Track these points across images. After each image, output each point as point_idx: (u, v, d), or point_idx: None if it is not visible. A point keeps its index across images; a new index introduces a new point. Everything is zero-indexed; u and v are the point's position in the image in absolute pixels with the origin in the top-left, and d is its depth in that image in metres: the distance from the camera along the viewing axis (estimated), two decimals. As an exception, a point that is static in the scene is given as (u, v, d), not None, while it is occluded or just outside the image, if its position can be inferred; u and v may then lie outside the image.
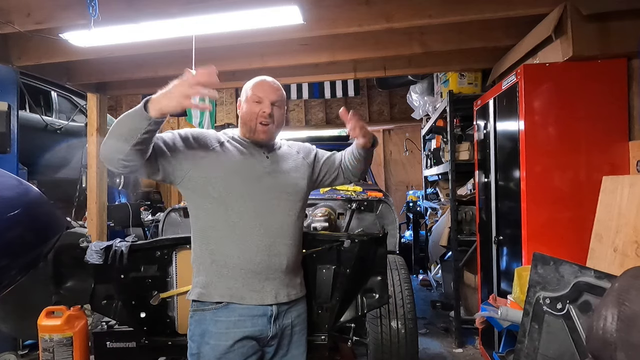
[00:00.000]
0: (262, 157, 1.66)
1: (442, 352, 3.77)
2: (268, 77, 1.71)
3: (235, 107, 9.24)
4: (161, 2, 2.52)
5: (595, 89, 2.45)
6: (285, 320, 1.63)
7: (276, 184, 1.63)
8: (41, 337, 2.66)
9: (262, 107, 1.62)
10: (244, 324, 1.55)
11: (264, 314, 1.57)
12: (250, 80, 1.71)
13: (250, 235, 1.55)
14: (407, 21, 2.73)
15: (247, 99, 1.66)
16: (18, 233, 1.93)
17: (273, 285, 1.58)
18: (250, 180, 1.59)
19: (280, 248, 1.59)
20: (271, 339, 1.60)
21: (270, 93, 1.65)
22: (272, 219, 1.59)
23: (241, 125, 1.69)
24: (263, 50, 3.45)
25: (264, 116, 1.62)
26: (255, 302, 1.56)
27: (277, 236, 1.59)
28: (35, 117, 4.56)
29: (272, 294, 1.58)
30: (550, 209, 2.47)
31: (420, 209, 6.08)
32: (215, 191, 1.56)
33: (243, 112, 1.67)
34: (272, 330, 1.58)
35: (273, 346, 1.62)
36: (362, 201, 3.33)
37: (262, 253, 1.56)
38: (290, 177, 1.68)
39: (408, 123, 8.03)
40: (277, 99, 1.65)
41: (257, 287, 1.56)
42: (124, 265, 1.98)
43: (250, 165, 1.62)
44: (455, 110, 3.86)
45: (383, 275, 2.02)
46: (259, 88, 1.66)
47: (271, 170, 1.65)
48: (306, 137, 5.80)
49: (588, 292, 1.58)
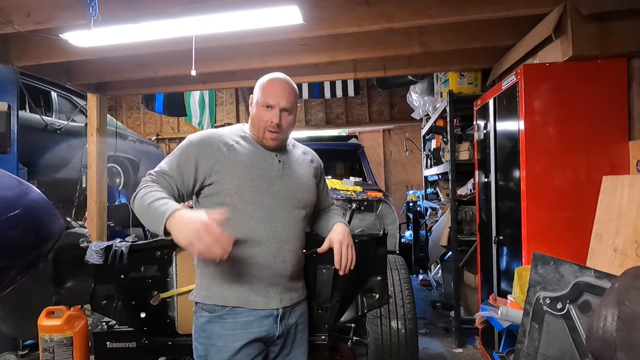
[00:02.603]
0: (274, 160, 1.63)
1: (442, 352, 3.77)
2: (281, 76, 1.63)
3: (235, 107, 9.25)
4: (161, 2, 2.52)
5: (595, 89, 2.45)
6: (290, 319, 1.63)
7: (287, 189, 1.61)
8: (41, 337, 2.66)
9: (271, 116, 1.56)
10: (251, 327, 1.54)
11: (270, 314, 1.57)
12: (263, 77, 1.64)
13: (259, 240, 1.55)
14: (407, 21, 2.73)
15: (257, 102, 1.60)
16: (18, 233, 1.93)
17: (277, 290, 1.58)
18: (262, 186, 1.57)
19: (287, 254, 1.59)
20: (277, 339, 1.60)
21: (282, 98, 1.57)
22: (280, 225, 1.58)
23: (251, 124, 1.65)
24: (263, 50, 3.46)
25: (272, 126, 1.57)
26: (260, 306, 1.56)
27: (285, 242, 1.59)
28: (35, 117, 4.56)
29: (277, 298, 1.58)
30: (550, 209, 2.47)
31: (420, 209, 6.08)
32: (227, 197, 1.53)
33: (253, 113, 1.62)
34: (279, 330, 1.59)
35: (278, 345, 1.63)
36: (362, 201, 3.33)
37: (270, 259, 1.55)
38: (301, 184, 1.66)
39: (408, 123, 8.03)
40: (288, 105, 1.58)
41: (263, 292, 1.56)
42: (124, 265, 1.97)
43: (262, 169, 1.59)
44: (455, 110, 3.86)
45: (383, 275, 2.01)
46: (269, 91, 1.58)
47: (283, 174, 1.62)
48: (306, 137, 5.80)
49: (588, 292, 1.58)
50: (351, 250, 1.66)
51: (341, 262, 1.63)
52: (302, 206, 1.65)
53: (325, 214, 1.83)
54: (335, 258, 1.64)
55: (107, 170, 4.49)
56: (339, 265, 1.64)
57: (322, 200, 1.83)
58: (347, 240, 1.66)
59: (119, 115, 9.32)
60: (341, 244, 1.64)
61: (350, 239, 1.68)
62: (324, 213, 1.84)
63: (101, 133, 4.31)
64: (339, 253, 1.63)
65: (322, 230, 1.79)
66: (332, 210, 1.86)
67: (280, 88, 1.59)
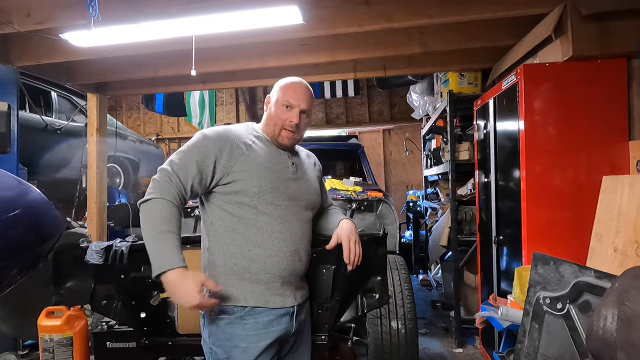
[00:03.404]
0: (288, 161, 1.65)
1: (442, 352, 3.77)
2: (303, 81, 1.66)
3: (235, 107, 9.25)
4: (161, 2, 2.52)
5: (595, 89, 2.45)
6: (302, 316, 1.66)
7: (300, 191, 1.64)
8: (41, 337, 2.66)
9: (291, 116, 1.59)
10: (271, 326, 1.55)
11: (287, 312, 1.59)
12: (284, 79, 1.66)
13: (277, 240, 1.55)
14: (406, 21, 2.73)
15: (277, 101, 1.62)
16: (18, 233, 1.93)
17: (291, 288, 1.60)
18: (280, 187, 1.58)
19: (302, 254, 1.62)
20: (292, 335, 1.63)
21: (302, 101, 1.60)
22: (297, 225, 1.60)
23: (266, 124, 1.65)
24: (263, 50, 3.46)
25: (291, 126, 1.60)
26: (278, 305, 1.56)
27: (300, 242, 1.61)
28: (35, 117, 4.56)
29: (292, 296, 1.60)
30: (550, 208, 2.47)
31: (420, 209, 6.08)
32: (247, 196, 1.53)
33: (271, 112, 1.63)
34: (295, 327, 1.61)
35: (290, 342, 1.64)
36: (362, 201, 3.33)
37: (288, 258, 1.56)
38: (311, 185, 1.70)
39: (408, 123, 8.04)
40: (307, 108, 1.62)
41: (279, 290, 1.57)
42: (124, 265, 1.97)
43: (279, 170, 1.60)
44: (455, 110, 3.86)
45: (383, 275, 2.01)
46: (291, 92, 1.61)
47: (296, 177, 1.65)
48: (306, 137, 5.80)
49: (588, 292, 1.58)
50: (359, 246, 1.68)
51: (350, 257, 1.65)
52: (311, 207, 1.69)
53: (325, 213, 1.85)
54: (344, 253, 1.65)
55: (107, 170, 4.49)
56: (348, 260, 1.65)
57: (323, 200, 1.86)
58: (354, 237, 1.67)
59: (119, 115, 9.32)
60: (349, 239, 1.65)
61: (356, 235, 1.70)
62: (324, 212, 1.86)
63: (101, 133, 4.30)
64: (348, 248, 1.65)
65: (323, 229, 1.81)
66: (332, 208, 1.88)
67: (301, 91, 1.62)
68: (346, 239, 1.66)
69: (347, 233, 1.67)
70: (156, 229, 1.44)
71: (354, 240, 1.66)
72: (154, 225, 1.45)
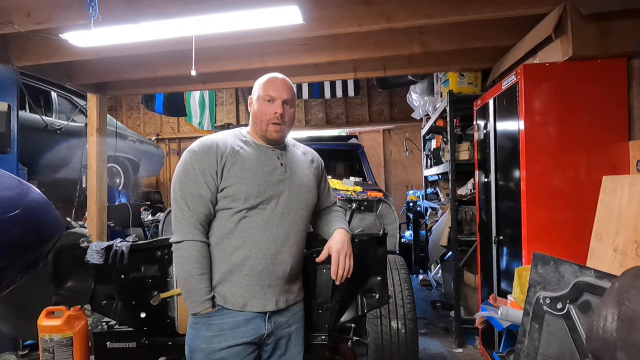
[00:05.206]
0: (276, 162, 1.65)
1: (442, 352, 3.77)
2: (279, 74, 1.69)
3: (235, 107, 9.24)
4: (161, 2, 2.52)
5: (595, 89, 2.45)
6: (281, 317, 1.63)
7: (289, 192, 1.63)
8: (41, 338, 2.65)
9: (274, 107, 1.62)
10: (238, 327, 1.55)
11: (257, 315, 1.58)
12: (261, 77, 1.69)
13: (257, 243, 1.56)
14: (407, 21, 2.73)
15: (259, 98, 1.65)
16: (18, 233, 1.93)
17: (274, 292, 1.60)
18: (267, 191, 1.58)
19: (286, 257, 1.60)
20: (267, 337, 1.61)
21: (282, 91, 1.63)
22: (283, 227, 1.60)
23: (252, 123, 1.67)
24: (263, 50, 3.46)
25: (276, 117, 1.61)
26: (257, 309, 1.57)
27: (284, 245, 1.60)
28: (35, 117, 4.56)
29: (273, 300, 1.59)
30: (550, 208, 2.47)
31: (420, 209, 6.08)
32: (233, 201, 1.56)
33: (254, 110, 1.65)
34: (267, 328, 1.59)
35: (270, 345, 1.63)
36: (362, 201, 3.33)
37: (267, 261, 1.57)
38: (302, 185, 1.68)
39: (408, 123, 8.03)
40: (288, 98, 1.64)
41: (260, 294, 1.57)
42: (124, 265, 1.97)
43: (267, 174, 1.61)
44: (455, 110, 3.86)
45: (383, 275, 2.01)
46: (270, 86, 1.64)
47: (285, 177, 1.64)
48: (306, 137, 5.80)
49: (588, 292, 1.58)
50: (349, 260, 1.67)
51: (337, 272, 1.65)
52: (303, 207, 1.67)
53: (326, 215, 1.84)
54: (332, 268, 1.65)
55: (107, 170, 4.49)
56: (335, 276, 1.65)
57: (324, 199, 1.84)
58: (345, 250, 1.66)
59: (119, 115, 9.32)
60: (339, 253, 1.65)
61: (349, 247, 1.69)
62: (325, 214, 1.85)
63: (101, 133, 4.31)
64: (336, 263, 1.65)
65: (322, 232, 1.80)
66: (333, 212, 1.86)
67: (280, 83, 1.66)
68: (336, 253, 1.65)
69: (338, 247, 1.66)
70: (188, 272, 1.54)
71: (344, 254, 1.65)
72: (186, 269, 1.55)
